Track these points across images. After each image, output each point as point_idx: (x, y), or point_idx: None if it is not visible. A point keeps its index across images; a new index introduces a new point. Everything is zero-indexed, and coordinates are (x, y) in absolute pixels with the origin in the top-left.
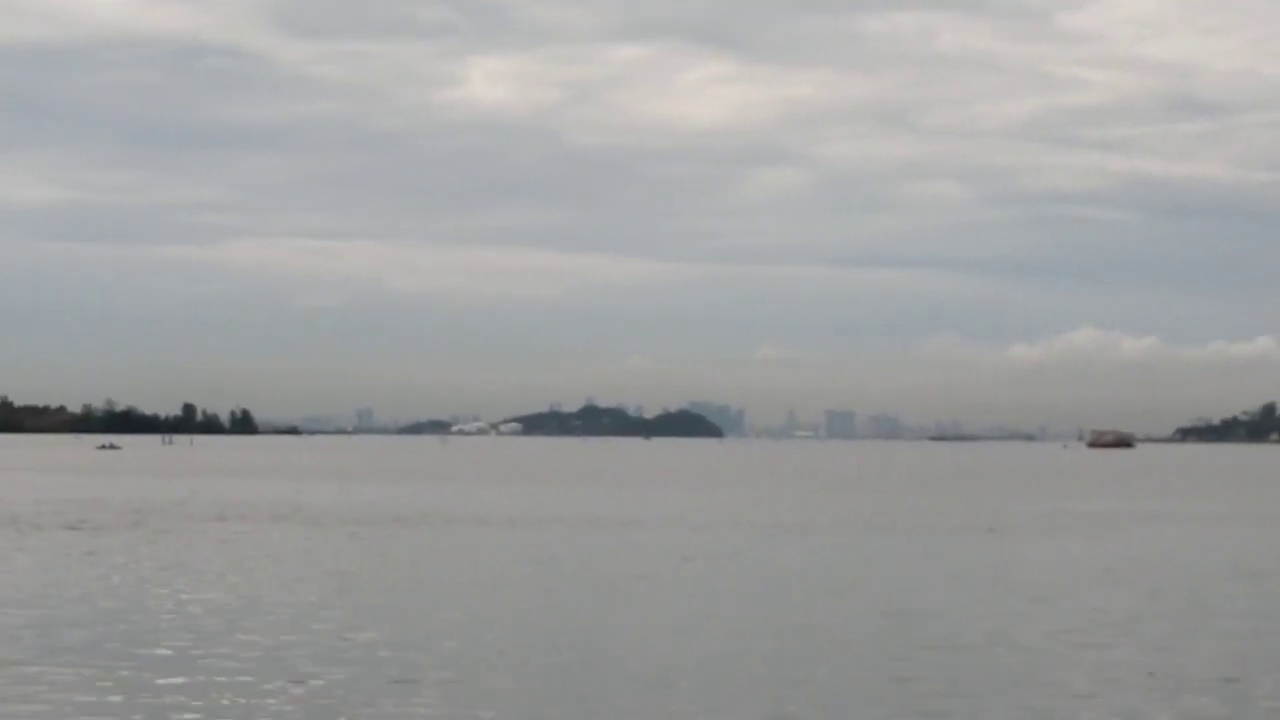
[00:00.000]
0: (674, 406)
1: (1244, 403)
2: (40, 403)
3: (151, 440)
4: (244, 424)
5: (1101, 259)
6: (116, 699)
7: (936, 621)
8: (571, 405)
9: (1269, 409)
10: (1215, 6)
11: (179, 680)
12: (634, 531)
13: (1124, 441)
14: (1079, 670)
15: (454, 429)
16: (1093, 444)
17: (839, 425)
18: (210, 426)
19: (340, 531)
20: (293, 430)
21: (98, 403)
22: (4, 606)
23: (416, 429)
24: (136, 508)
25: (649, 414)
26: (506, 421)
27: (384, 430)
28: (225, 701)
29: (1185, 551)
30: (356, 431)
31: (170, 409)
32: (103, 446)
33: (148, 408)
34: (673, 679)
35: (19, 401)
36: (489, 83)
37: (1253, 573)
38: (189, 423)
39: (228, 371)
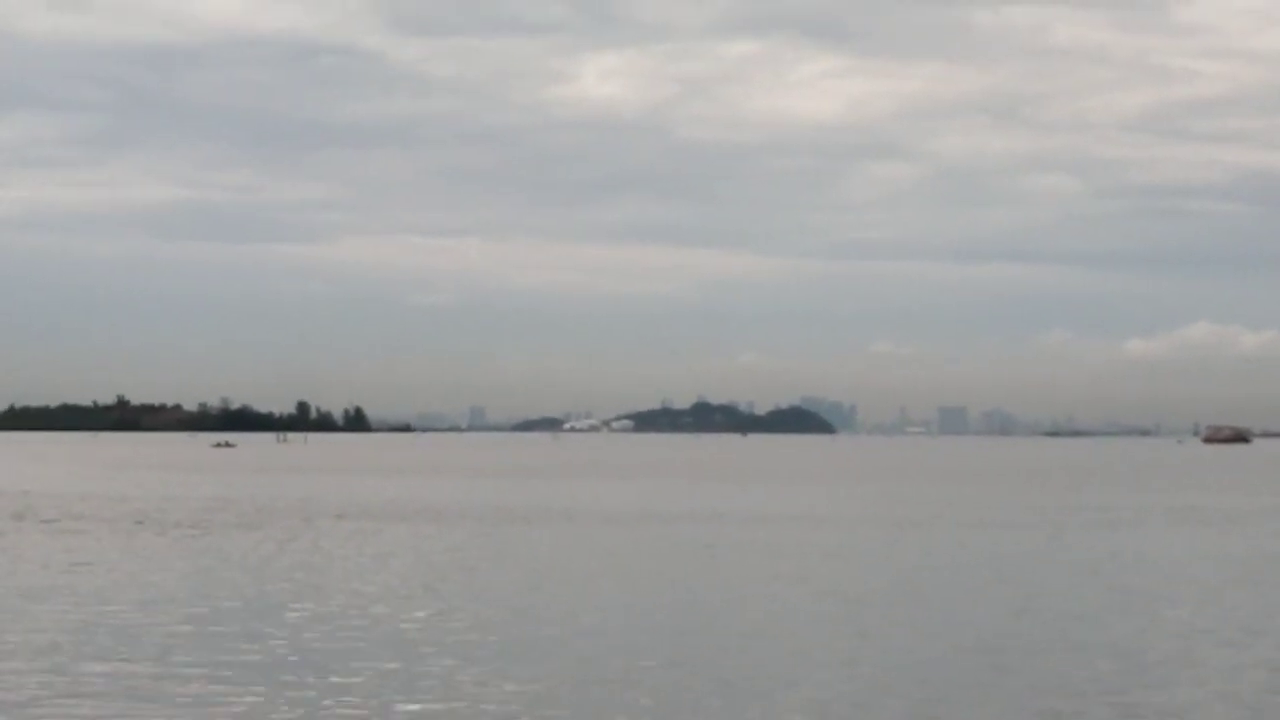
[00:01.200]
0: (785, 403)
1: None
2: (156, 401)
3: (266, 438)
4: (357, 422)
5: (1217, 252)
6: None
7: (1065, 619)
8: (683, 402)
9: None
10: None
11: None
12: (756, 528)
13: (1240, 436)
14: (1214, 669)
15: (566, 426)
16: (1208, 439)
17: (951, 421)
18: (324, 424)
19: (467, 528)
20: (406, 428)
21: (213, 401)
22: (176, 608)
23: (528, 426)
24: (259, 507)
25: (760, 410)
26: (618, 419)
27: (496, 428)
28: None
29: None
30: (469, 429)
31: (284, 407)
32: (218, 445)
33: (262, 406)
34: (815, 680)
35: (135, 400)
36: (601, 79)
37: None
38: (303, 421)
39: (341, 369)
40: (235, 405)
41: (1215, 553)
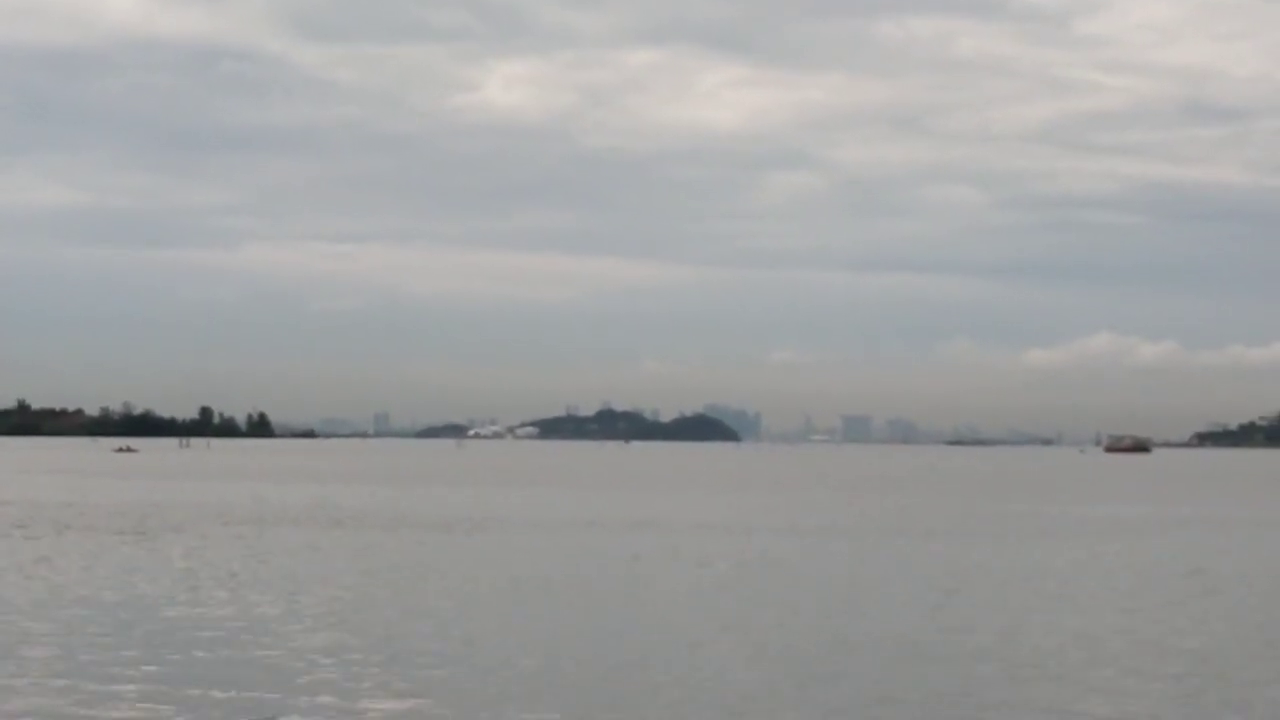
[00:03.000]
0: (690, 410)
1: (1262, 407)
2: (58, 405)
3: (168, 443)
4: (261, 427)
5: (1118, 263)
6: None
7: (948, 628)
8: (588, 409)
9: None
10: (1231, 12)
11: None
12: (654, 534)
13: (1141, 446)
14: (1105, 670)
15: (470, 432)
16: (1109, 449)
17: (855, 430)
18: (227, 429)
19: (364, 535)
20: (309, 433)
21: (115, 406)
22: (78, 610)
23: (433, 432)
24: (156, 510)
25: (665, 418)
26: (523, 425)
27: (400, 433)
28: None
29: (1188, 557)
30: (373, 435)
31: (187, 412)
32: (120, 450)
33: (165, 411)
34: (701, 686)
35: (37, 404)
36: (505, 86)
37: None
38: (206, 426)
39: (245, 375)
40: (138, 410)
41: (1107, 560)
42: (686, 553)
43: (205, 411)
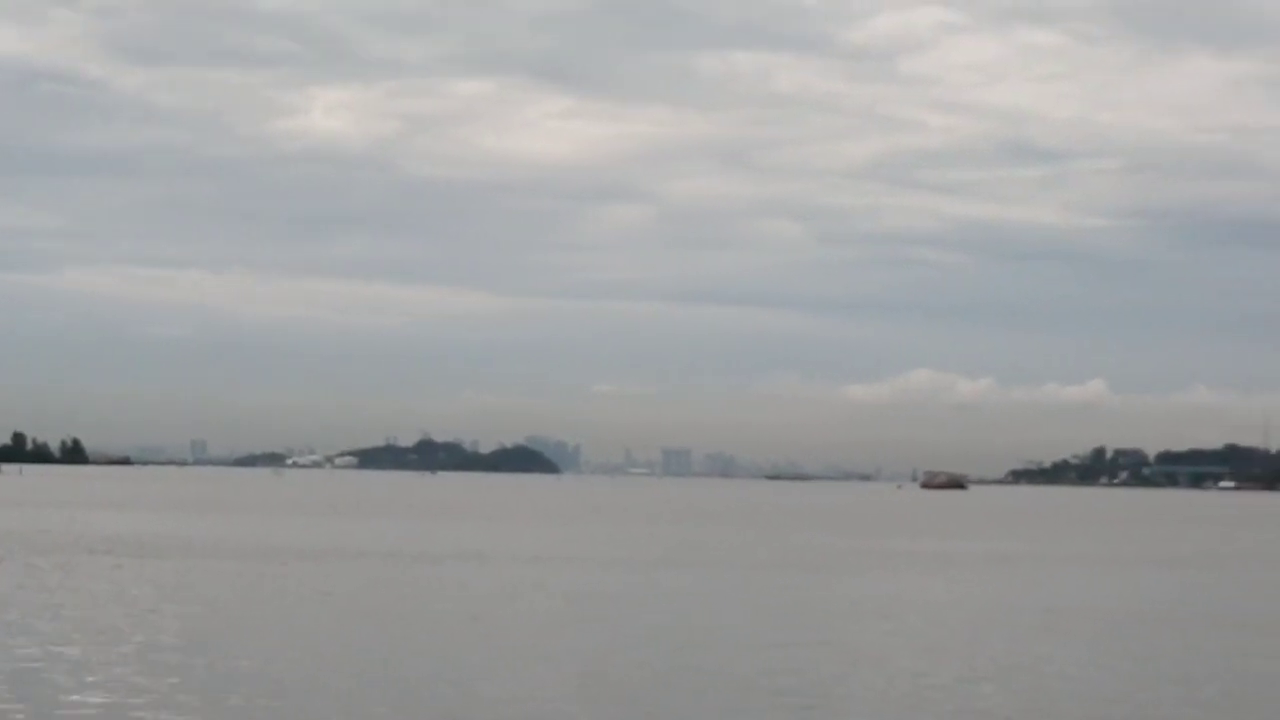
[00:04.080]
0: (510, 442)
1: (1075, 445)
2: None
3: None
4: (75, 453)
5: (938, 301)
6: None
7: (740, 655)
8: (407, 439)
9: (1099, 452)
10: (1052, 55)
11: None
12: (469, 566)
13: (956, 483)
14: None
15: (289, 461)
16: (925, 485)
17: (675, 463)
18: (40, 456)
19: (171, 564)
20: (125, 460)
21: None
22: None
23: (250, 461)
24: None
25: (485, 449)
26: (341, 455)
27: (218, 461)
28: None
29: (980, 593)
30: (190, 463)
31: None
32: None
33: None
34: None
35: None
36: (327, 113)
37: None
38: (19, 452)
39: (59, 400)
40: None
41: (922, 598)
42: (513, 584)
43: (18, 438)
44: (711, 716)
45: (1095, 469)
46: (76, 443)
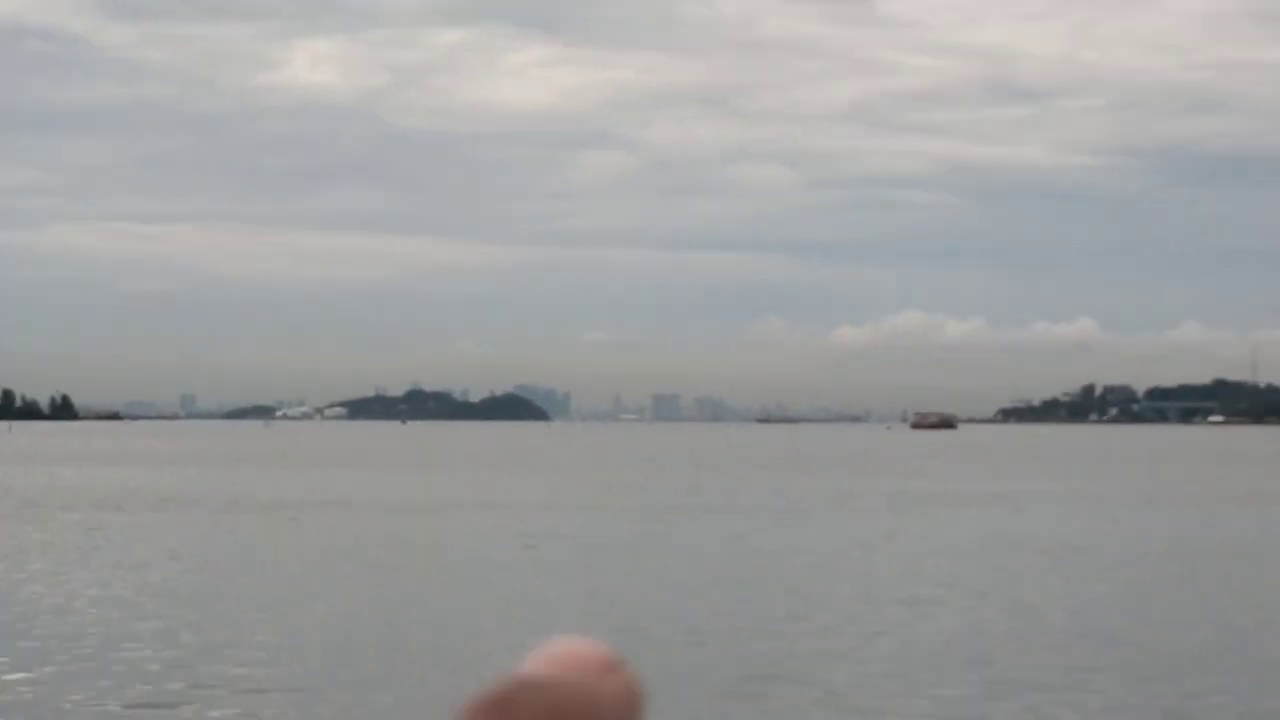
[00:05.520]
0: (500, 390)
1: (1065, 383)
2: None
3: None
4: (64, 410)
5: (925, 242)
6: None
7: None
8: (397, 389)
9: (1089, 390)
10: None
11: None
12: (460, 515)
13: (946, 422)
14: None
15: (278, 413)
16: (915, 425)
17: (665, 408)
18: (29, 412)
19: (177, 517)
20: (114, 415)
21: None
22: None
23: (240, 413)
24: None
25: (475, 398)
26: (331, 406)
27: (208, 415)
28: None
29: (961, 530)
30: (180, 417)
31: None
32: None
33: None
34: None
35: None
36: (312, 66)
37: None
38: (7, 409)
39: (48, 357)
40: None
41: (914, 536)
42: (517, 532)
43: (7, 394)
44: (723, 643)
45: (1085, 406)
46: (66, 399)
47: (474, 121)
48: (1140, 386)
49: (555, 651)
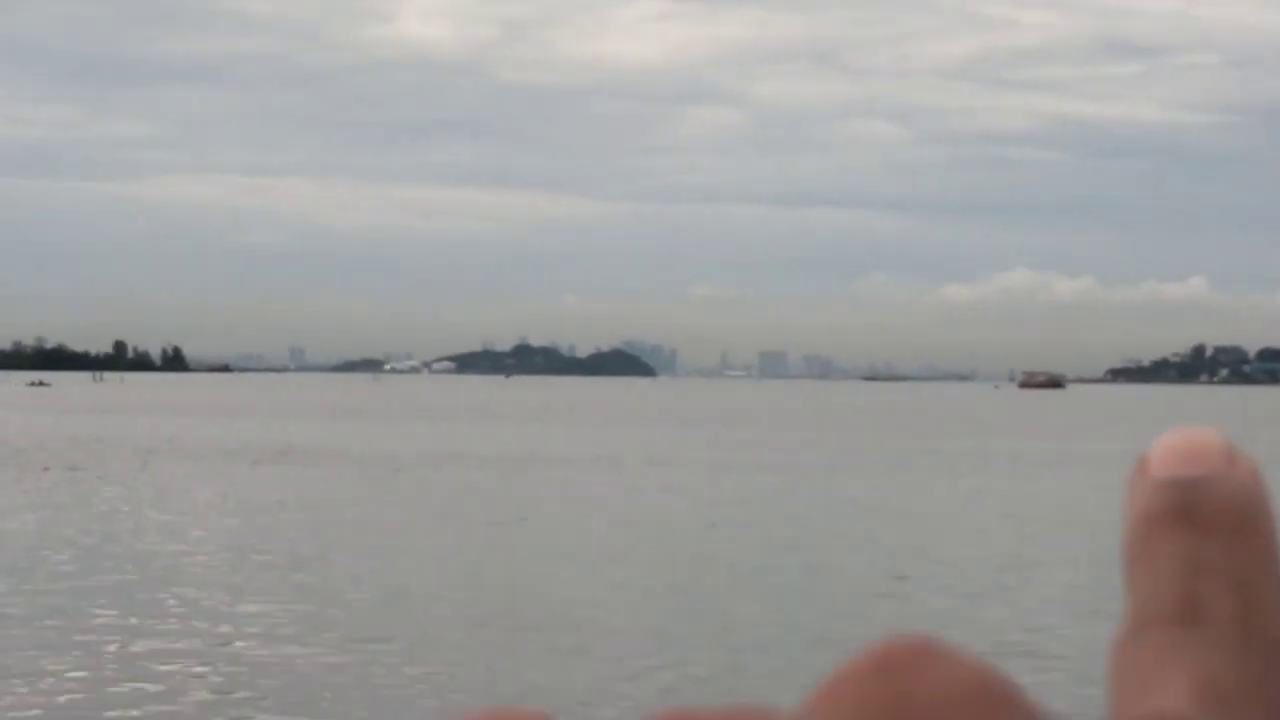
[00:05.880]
0: (607, 346)
1: (1175, 344)
2: None
3: (82, 378)
4: (175, 362)
5: (1035, 200)
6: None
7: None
8: (504, 344)
9: (1199, 350)
10: None
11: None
12: (558, 470)
13: (1054, 382)
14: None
15: (387, 367)
16: (1024, 384)
17: (771, 365)
18: (141, 364)
19: (302, 470)
20: (224, 368)
21: (27, 339)
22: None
23: (350, 367)
24: (84, 444)
25: (582, 353)
26: (439, 360)
27: (317, 368)
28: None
29: (1078, 492)
30: (289, 369)
31: (101, 346)
32: (33, 384)
33: (78, 345)
34: (601, 628)
35: None
36: (422, 19)
37: None
38: (120, 360)
39: (159, 309)
40: (50, 344)
41: (998, 494)
42: (627, 487)
43: (119, 346)
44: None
45: (1195, 367)
46: (177, 351)
47: (583, 76)
48: (1251, 347)
49: (1176, 444)
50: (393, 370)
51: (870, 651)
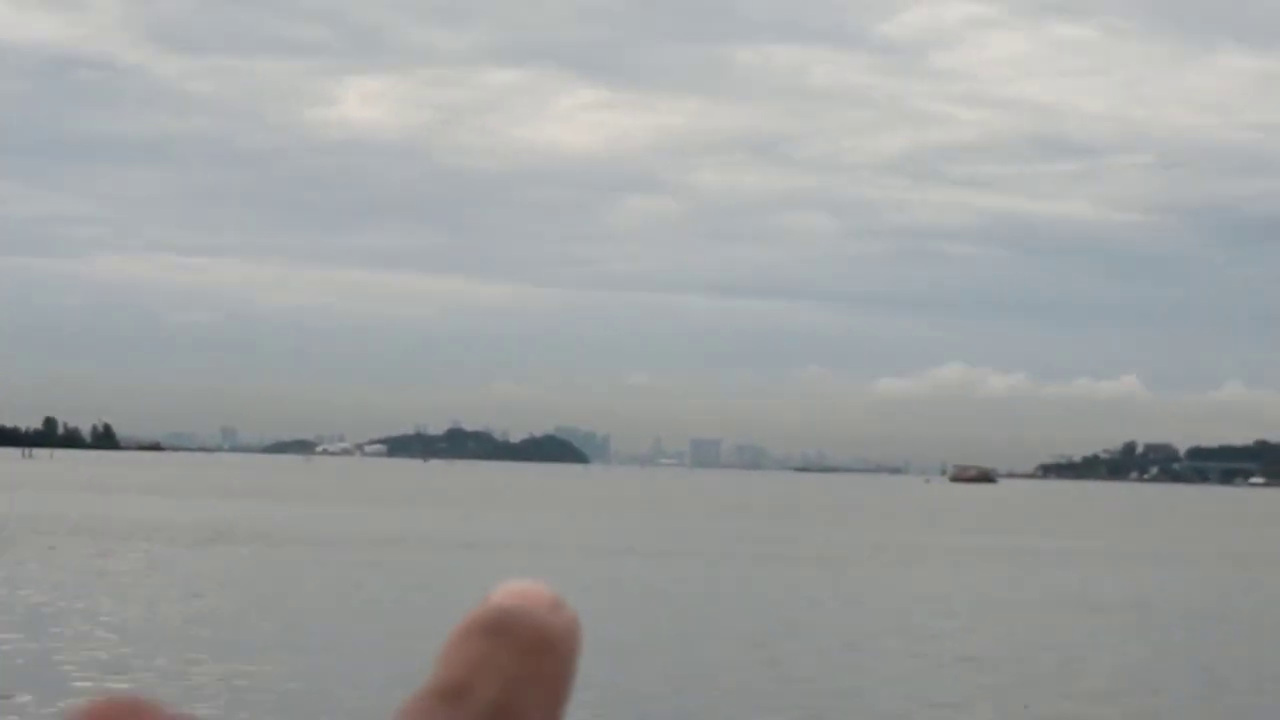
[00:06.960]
0: (540, 431)
1: (1106, 440)
2: None
3: (12, 453)
4: (106, 439)
5: (969, 295)
6: None
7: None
8: (437, 428)
9: (1130, 447)
10: (1085, 49)
11: None
12: (494, 555)
13: (986, 476)
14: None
15: (319, 449)
16: (955, 478)
17: (704, 454)
18: (72, 441)
19: (199, 550)
20: (156, 446)
21: None
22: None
23: (281, 448)
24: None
25: (515, 438)
26: (371, 443)
27: (249, 448)
28: None
29: (1009, 585)
30: (221, 449)
31: (31, 422)
32: None
33: (8, 420)
34: None
35: None
36: (362, 103)
37: (1094, 607)
38: (50, 436)
39: (91, 386)
40: None
41: (925, 592)
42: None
43: (50, 422)
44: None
45: (1126, 464)
46: (108, 428)
47: (522, 162)
48: (1182, 446)
49: (511, 590)
50: (324, 452)
51: (73, 713)
